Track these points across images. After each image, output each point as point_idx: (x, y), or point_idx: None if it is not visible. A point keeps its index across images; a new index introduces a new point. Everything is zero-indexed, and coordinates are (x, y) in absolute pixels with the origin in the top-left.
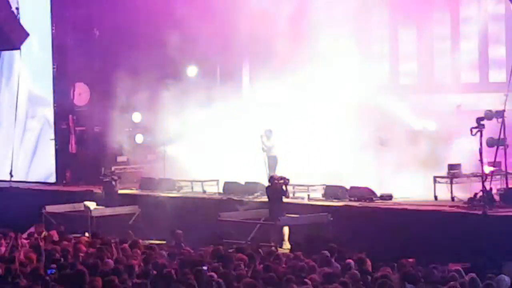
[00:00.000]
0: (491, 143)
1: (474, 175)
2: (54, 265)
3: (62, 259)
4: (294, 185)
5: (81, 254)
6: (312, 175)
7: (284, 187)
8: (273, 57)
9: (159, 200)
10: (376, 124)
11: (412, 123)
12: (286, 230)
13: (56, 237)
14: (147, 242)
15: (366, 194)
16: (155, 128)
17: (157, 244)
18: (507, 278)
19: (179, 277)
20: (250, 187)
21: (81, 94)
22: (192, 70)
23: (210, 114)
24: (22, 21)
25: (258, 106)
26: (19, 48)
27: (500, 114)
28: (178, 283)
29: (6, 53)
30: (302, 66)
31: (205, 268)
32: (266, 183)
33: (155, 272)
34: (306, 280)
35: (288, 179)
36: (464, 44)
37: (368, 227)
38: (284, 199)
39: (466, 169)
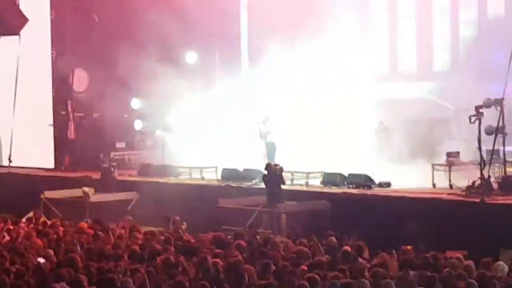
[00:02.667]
0: (489, 131)
1: (472, 163)
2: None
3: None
4: (292, 172)
5: (80, 240)
6: (311, 162)
7: (281, 174)
8: (272, 44)
9: (157, 187)
10: (376, 111)
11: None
12: (284, 217)
13: (54, 222)
14: (145, 228)
15: (364, 181)
16: (154, 114)
17: (155, 230)
18: (504, 265)
19: (177, 263)
20: (249, 173)
21: (80, 80)
22: (191, 56)
23: (209, 101)
24: (21, 7)
25: (257, 93)
26: (18, 34)
27: (498, 102)
28: (176, 268)
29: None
30: (301, 53)
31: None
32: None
33: (153, 258)
34: (303, 267)
35: (282, 167)
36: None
37: (366, 215)
38: (282, 186)
39: (464, 157)
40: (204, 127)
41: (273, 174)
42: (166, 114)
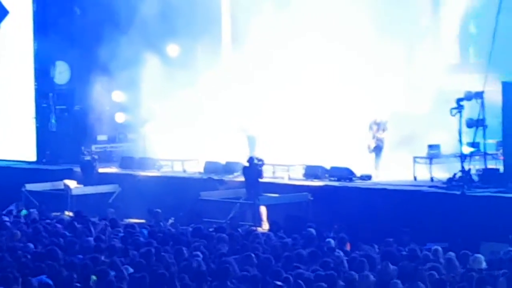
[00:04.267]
0: (470, 123)
1: (453, 155)
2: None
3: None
4: (274, 165)
5: (60, 232)
6: (292, 154)
7: (261, 168)
8: (254, 35)
9: (139, 179)
10: (359, 103)
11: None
12: (263, 210)
13: (35, 215)
14: (127, 220)
15: (346, 174)
16: (136, 107)
17: (136, 223)
18: (482, 258)
19: (158, 256)
20: (231, 166)
21: (61, 73)
22: (173, 49)
23: (191, 93)
24: None
25: (239, 85)
26: None
27: (479, 95)
28: (157, 261)
29: None
30: (284, 44)
31: None
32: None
33: (134, 251)
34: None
35: (263, 161)
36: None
37: (348, 207)
38: (260, 180)
39: (445, 149)
40: (186, 120)
41: (253, 167)
42: (148, 106)
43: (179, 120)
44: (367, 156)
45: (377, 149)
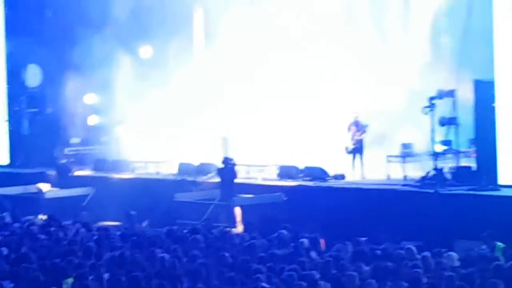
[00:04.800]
0: (443, 122)
1: (426, 154)
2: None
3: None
4: (248, 165)
5: (34, 236)
6: (266, 154)
7: (235, 169)
8: (227, 34)
9: (113, 182)
10: (332, 102)
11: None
12: (238, 211)
13: (8, 219)
14: (101, 223)
15: (319, 174)
16: (109, 109)
17: (111, 225)
18: (456, 255)
19: (133, 258)
20: (205, 168)
21: (33, 76)
22: (145, 49)
23: (164, 94)
24: None
25: (213, 87)
26: None
27: (451, 93)
28: (131, 263)
29: None
30: (257, 43)
31: None
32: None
33: (108, 253)
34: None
35: (235, 162)
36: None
37: (322, 207)
38: (235, 181)
39: (418, 148)
40: (159, 121)
41: (228, 168)
42: (121, 108)
43: (153, 122)
44: (342, 156)
45: (356, 151)
